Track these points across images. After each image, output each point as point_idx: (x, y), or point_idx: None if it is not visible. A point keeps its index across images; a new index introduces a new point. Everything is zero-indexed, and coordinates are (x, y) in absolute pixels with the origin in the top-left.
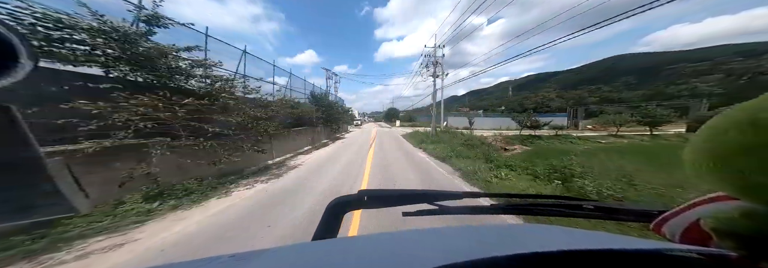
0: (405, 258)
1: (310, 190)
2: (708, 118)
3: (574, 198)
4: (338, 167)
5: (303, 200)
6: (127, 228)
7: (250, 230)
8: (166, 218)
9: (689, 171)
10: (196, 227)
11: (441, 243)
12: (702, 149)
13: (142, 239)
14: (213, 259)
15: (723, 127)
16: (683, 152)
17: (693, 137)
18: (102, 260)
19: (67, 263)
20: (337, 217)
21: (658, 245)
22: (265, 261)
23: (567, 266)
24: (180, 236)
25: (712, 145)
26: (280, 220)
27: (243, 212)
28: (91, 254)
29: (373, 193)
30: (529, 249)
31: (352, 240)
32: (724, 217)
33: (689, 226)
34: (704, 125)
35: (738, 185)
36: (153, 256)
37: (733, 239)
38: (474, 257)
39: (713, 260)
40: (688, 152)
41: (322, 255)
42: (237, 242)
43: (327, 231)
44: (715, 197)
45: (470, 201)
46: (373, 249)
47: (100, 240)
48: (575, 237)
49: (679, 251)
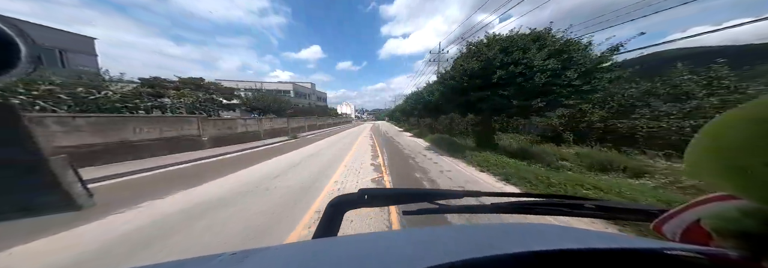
0: (405, 257)
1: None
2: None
3: (575, 197)
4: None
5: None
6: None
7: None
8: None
9: (690, 170)
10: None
11: (441, 242)
12: (704, 148)
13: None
14: (213, 257)
15: (725, 127)
16: (685, 152)
17: (695, 137)
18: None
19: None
20: (338, 216)
21: (658, 244)
22: (265, 259)
23: (567, 265)
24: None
25: (713, 144)
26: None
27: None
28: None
29: (373, 192)
30: (530, 248)
31: (353, 239)
32: (725, 216)
33: (690, 225)
34: (706, 124)
35: (739, 184)
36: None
37: (733, 239)
38: (474, 256)
39: (714, 259)
40: (689, 151)
41: (322, 254)
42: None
43: (328, 230)
44: (716, 196)
45: (470, 200)
46: (373, 248)
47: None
48: (576, 236)
49: (680, 251)
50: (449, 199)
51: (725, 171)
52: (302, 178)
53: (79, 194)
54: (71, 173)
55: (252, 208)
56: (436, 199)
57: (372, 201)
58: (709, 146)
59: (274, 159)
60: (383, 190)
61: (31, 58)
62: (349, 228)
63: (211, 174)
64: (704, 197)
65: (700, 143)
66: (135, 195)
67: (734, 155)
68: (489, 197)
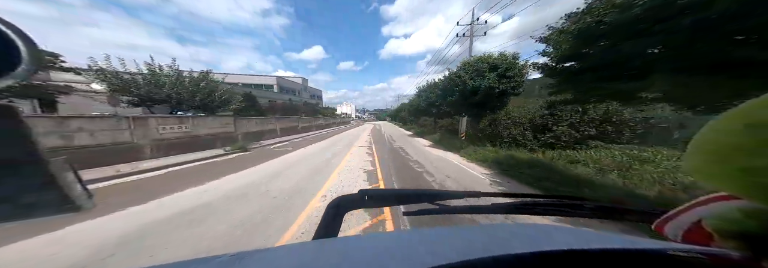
0: (405, 258)
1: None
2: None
3: (576, 198)
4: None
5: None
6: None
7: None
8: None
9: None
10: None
11: (442, 243)
12: (705, 148)
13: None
14: (213, 258)
15: (726, 126)
16: (685, 152)
17: (694, 136)
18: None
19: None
20: (338, 216)
21: (660, 245)
22: (265, 260)
23: (570, 265)
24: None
25: (715, 144)
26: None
27: None
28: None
29: (374, 192)
30: (531, 249)
31: (353, 240)
32: (727, 217)
33: (691, 226)
34: (707, 124)
35: (740, 184)
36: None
37: (735, 239)
38: (475, 257)
39: (716, 260)
40: (690, 151)
41: (322, 254)
42: None
43: (328, 230)
44: (717, 196)
45: (471, 201)
46: (373, 249)
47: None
48: (576, 237)
49: (682, 251)
50: (450, 199)
51: (726, 171)
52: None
53: (79, 195)
54: (71, 173)
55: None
56: (437, 199)
57: (372, 202)
58: (709, 145)
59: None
60: (384, 190)
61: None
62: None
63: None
64: (705, 198)
65: (700, 142)
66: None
67: (735, 155)
68: (489, 197)
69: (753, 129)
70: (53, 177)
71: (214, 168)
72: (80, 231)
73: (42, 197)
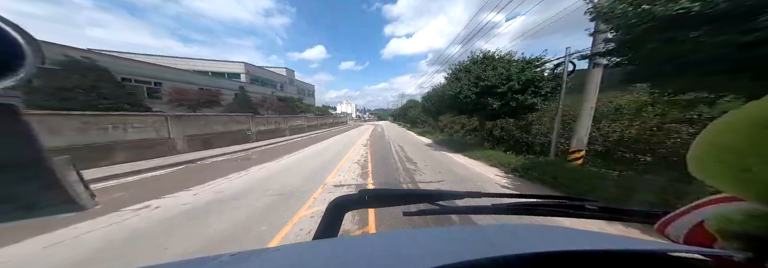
0: (405, 258)
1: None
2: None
3: (577, 198)
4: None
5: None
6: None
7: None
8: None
9: (694, 171)
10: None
11: (442, 243)
12: (707, 149)
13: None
14: (213, 258)
15: (728, 128)
16: (688, 152)
17: (698, 137)
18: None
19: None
20: (338, 216)
21: (662, 246)
22: (265, 260)
23: (569, 267)
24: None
25: (718, 145)
26: None
27: None
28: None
29: (374, 192)
30: (531, 249)
31: (353, 240)
32: (729, 218)
33: (693, 227)
34: (710, 125)
35: (743, 186)
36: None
37: (738, 240)
38: (475, 257)
39: (718, 261)
40: (693, 152)
41: (322, 255)
42: None
43: (328, 230)
44: (720, 198)
45: (471, 201)
46: (373, 249)
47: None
48: (578, 238)
49: (684, 252)
50: (450, 200)
51: (729, 173)
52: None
53: (82, 194)
54: (74, 173)
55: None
56: (437, 200)
57: (373, 202)
58: (712, 147)
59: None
60: (384, 190)
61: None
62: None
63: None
64: (708, 199)
65: (704, 143)
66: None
67: (738, 156)
68: (490, 197)
69: (755, 130)
70: (55, 176)
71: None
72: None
73: (44, 197)
